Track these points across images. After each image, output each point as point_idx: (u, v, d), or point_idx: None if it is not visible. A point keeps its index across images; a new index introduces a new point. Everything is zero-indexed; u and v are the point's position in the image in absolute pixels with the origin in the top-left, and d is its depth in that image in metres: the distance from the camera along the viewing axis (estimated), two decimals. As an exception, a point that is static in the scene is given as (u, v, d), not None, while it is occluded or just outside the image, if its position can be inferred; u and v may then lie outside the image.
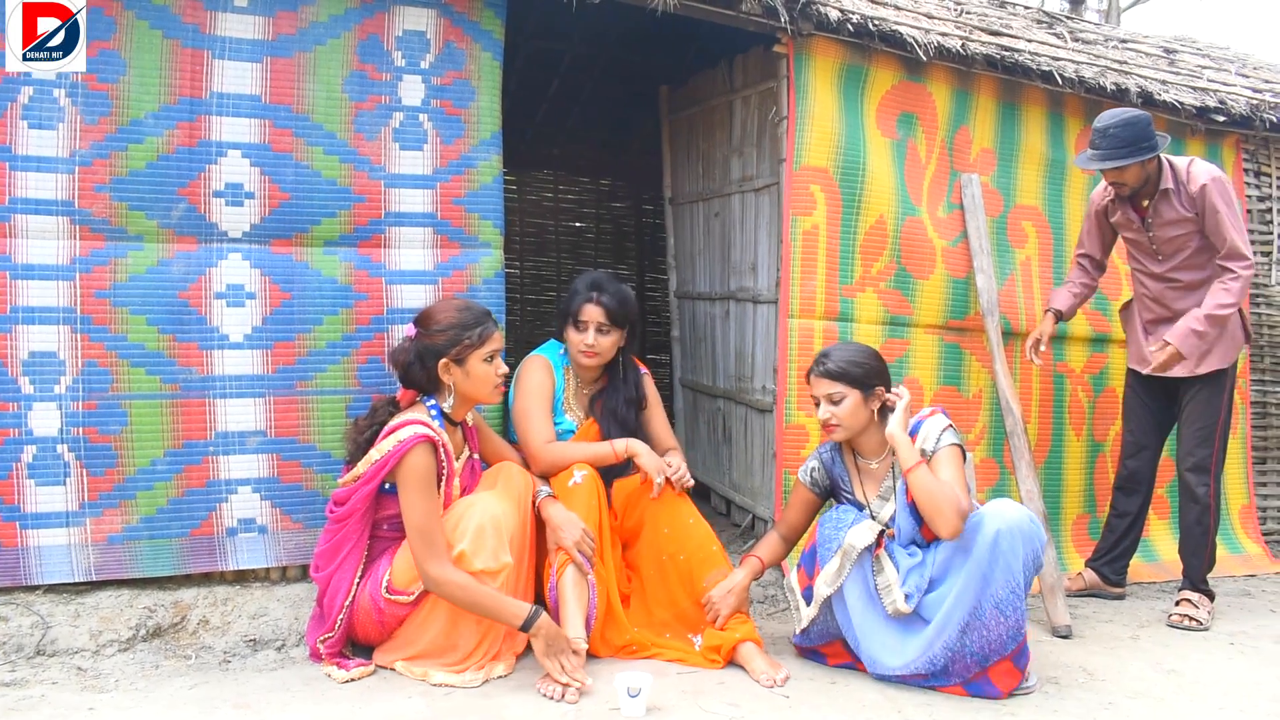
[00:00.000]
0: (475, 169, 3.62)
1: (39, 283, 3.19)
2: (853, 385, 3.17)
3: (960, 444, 3.19)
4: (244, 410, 3.38)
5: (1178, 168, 3.84)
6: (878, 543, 3.13)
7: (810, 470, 3.42)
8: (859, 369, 3.18)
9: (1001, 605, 2.96)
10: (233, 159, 3.34)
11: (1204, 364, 3.89)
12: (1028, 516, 3.03)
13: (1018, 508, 3.05)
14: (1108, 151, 3.74)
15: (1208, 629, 3.85)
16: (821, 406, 3.22)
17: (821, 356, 3.25)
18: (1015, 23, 4.99)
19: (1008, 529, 2.97)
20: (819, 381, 3.21)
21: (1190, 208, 3.80)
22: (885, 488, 3.24)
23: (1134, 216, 3.96)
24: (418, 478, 2.95)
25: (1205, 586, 3.99)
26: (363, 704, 2.82)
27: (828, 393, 3.19)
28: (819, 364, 3.23)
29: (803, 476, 3.44)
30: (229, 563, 3.38)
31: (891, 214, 4.13)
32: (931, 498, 3.02)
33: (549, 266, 7.51)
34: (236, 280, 3.37)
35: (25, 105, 3.16)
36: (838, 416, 3.19)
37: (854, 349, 3.27)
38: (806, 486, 3.42)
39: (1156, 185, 3.84)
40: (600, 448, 3.50)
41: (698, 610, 3.33)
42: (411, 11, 3.53)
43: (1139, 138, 3.71)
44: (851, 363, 3.19)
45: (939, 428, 3.18)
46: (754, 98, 4.46)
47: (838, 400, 3.18)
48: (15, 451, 3.18)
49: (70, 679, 2.92)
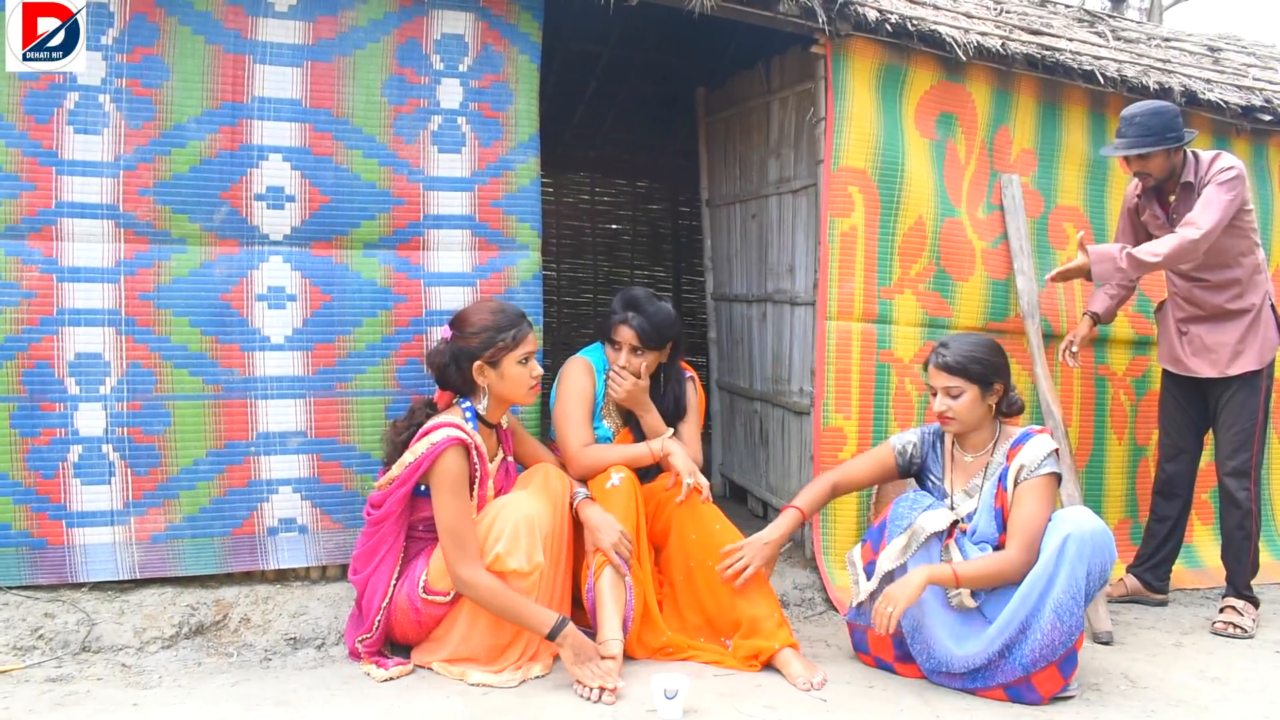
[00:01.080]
0: (513, 171, 3.63)
1: (85, 285, 3.24)
2: (972, 381, 3.14)
3: (1059, 472, 3.13)
4: (285, 411, 3.41)
5: (1201, 161, 3.80)
6: (949, 532, 3.10)
7: (907, 443, 3.37)
8: (979, 365, 3.14)
9: (1060, 610, 2.92)
10: (274, 162, 3.38)
11: (1236, 364, 3.85)
12: (1102, 528, 2.99)
13: (1093, 518, 3.02)
14: (1133, 139, 3.72)
15: (1253, 637, 3.78)
16: (938, 398, 3.18)
17: (940, 347, 3.21)
18: (1056, 22, 4.94)
19: (1078, 535, 2.94)
20: (937, 374, 3.18)
21: None
22: (973, 485, 3.22)
23: (1160, 213, 3.93)
24: (450, 480, 2.96)
25: (1250, 593, 3.93)
26: (401, 703, 2.84)
27: (945, 385, 3.15)
28: (939, 355, 3.19)
29: (895, 443, 3.38)
30: (270, 562, 3.41)
31: (930, 215, 4.10)
32: (994, 583, 3.04)
33: (586, 269, 7.53)
34: (277, 283, 3.40)
35: (71, 110, 3.21)
36: (954, 410, 3.15)
37: (975, 341, 3.21)
38: (894, 453, 3.37)
39: (1180, 179, 3.81)
40: (637, 449, 3.50)
41: (727, 617, 3.29)
42: (450, 15, 3.55)
43: (1165, 127, 3.69)
44: (972, 358, 3.15)
45: (1043, 452, 3.10)
46: (791, 99, 4.44)
47: (956, 394, 3.15)
48: (62, 451, 3.23)
49: (115, 675, 2.97)
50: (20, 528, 3.20)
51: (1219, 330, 3.88)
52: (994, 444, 3.24)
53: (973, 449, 3.26)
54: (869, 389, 4.02)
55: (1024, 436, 3.17)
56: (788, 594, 3.85)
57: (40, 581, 3.22)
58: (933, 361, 3.21)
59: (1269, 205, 4.81)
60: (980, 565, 3.04)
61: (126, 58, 3.24)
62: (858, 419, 4.00)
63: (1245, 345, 3.85)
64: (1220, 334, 3.88)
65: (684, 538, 3.39)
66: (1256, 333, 3.86)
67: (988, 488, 3.17)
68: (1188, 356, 3.96)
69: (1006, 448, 3.19)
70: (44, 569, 3.22)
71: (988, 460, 3.22)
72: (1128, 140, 3.73)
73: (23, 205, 3.17)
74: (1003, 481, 3.15)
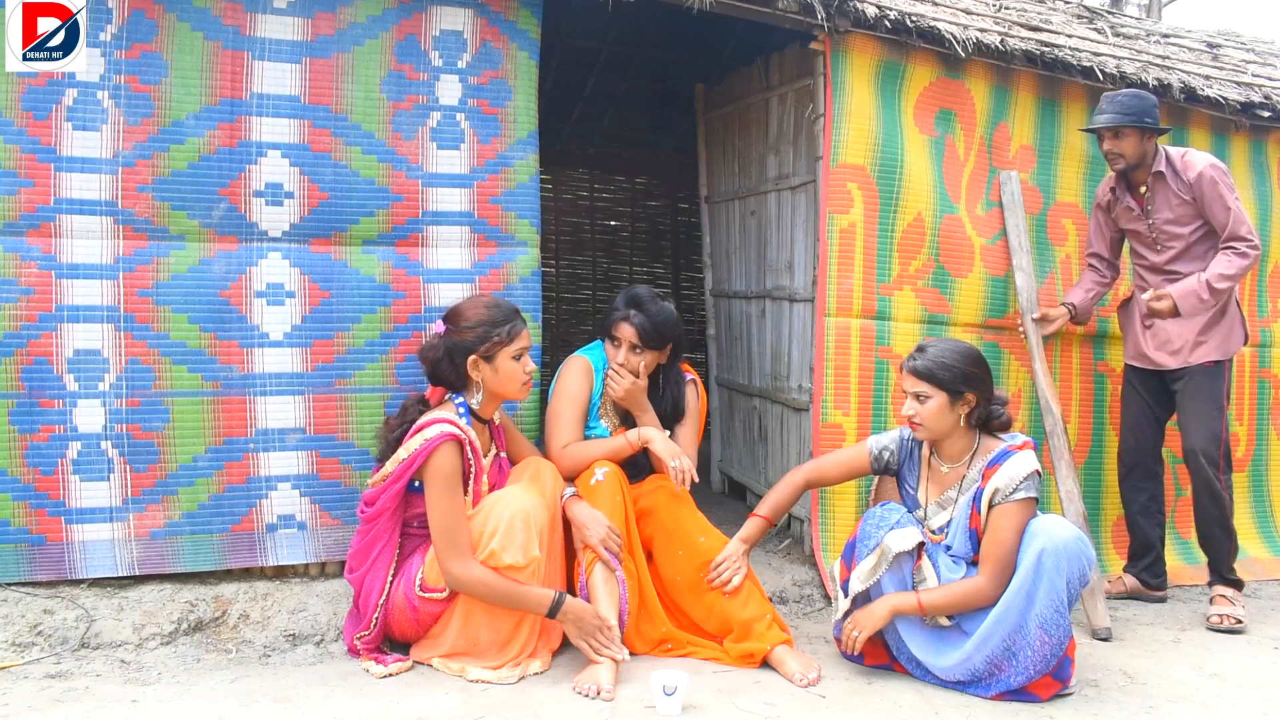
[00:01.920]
0: (512, 168, 3.63)
1: (83, 282, 3.23)
2: (939, 387, 3.08)
3: (1036, 496, 3.06)
4: (284, 407, 3.41)
5: (1172, 155, 3.93)
6: (918, 553, 3.10)
7: (884, 447, 3.33)
8: (947, 372, 3.08)
9: (1046, 624, 2.92)
10: (272, 159, 3.38)
11: (1196, 354, 3.90)
12: (1075, 536, 2.98)
13: (1066, 527, 3.01)
14: (1111, 115, 3.86)
15: (1246, 627, 3.81)
16: (907, 402, 3.14)
17: (917, 350, 3.17)
18: (1055, 18, 4.94)
19: (1053, 548, 2.93)
20: (906, 376, 3.15)
21: (1188, 193, 3.86)
22: (947, 496, 3.19)
23: (1133, 204, 4.00)
24: (443, 476, 2.97)
25: (1233, 576, 3.96)
26: (400, 699, 2.84)
27: (914, 390, 3.12)
28: (911, 358, 3.16)
29: (872, 445, 3.35)
30: (269, 558, 3.41)
31: (930, 212, 4.10)
32: (961, 610, 3.05)
33: (585, 265, 7.53)
34: (276, 279, 3.40)
35: (70, 107, 3.21)
36: (920, 415, 3.11)
37: (950, 348, 3.16)
38: (870, 455, 3.34)
39: (1151, 169, 3.91)
40: (616, 442, 3.46)
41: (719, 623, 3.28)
42: (449, 11, 3.55)
43: (1144, 111, 3.85)
44: (942, 365, 3.09)
45: (1021, 474, 3.02)
46: (790, 95, 4.44)
47: (923, 399, 3.11)
48: (61, 448, 3.23)
49: (114, 671, 2.97)
50: (19, 524, 3.20)
51: (1182, 322, 3.91)
52: (971, 456, 3.17)
53: (949, 459, 3.20)
54: (868, 385, 4.02)
55: (1002, 455, 3.09)
56: (787, 590, 3.85)
57: (39, 578, 3.22)
58: (905, 364, 3.18)
59: (1268, 201, 4.81)
60: (947, 594, 3.03)
61: (125, 54, 3.24)
62: (856, 415, 4.00)
63: (1207, 336, 3.91)
64: (1183, 325, 3.92)
65: (671, 552, 3.37)
66: (1219, 326, 3.92)
67: (962, 503, 3.13)
68: (1151, 350, 4.02)
69: (983, 465, 3.12)
70: (43, 565, 3.22)
71: (964, 473, 3.16)
72: (1108, 116, 3.87)
73: (21, 202, 3.17)
74: (976, 503, 3.09)
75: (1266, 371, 4.86)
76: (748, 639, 3.21)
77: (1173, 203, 3.90)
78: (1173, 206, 3.90)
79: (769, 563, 4.05)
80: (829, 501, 3.96)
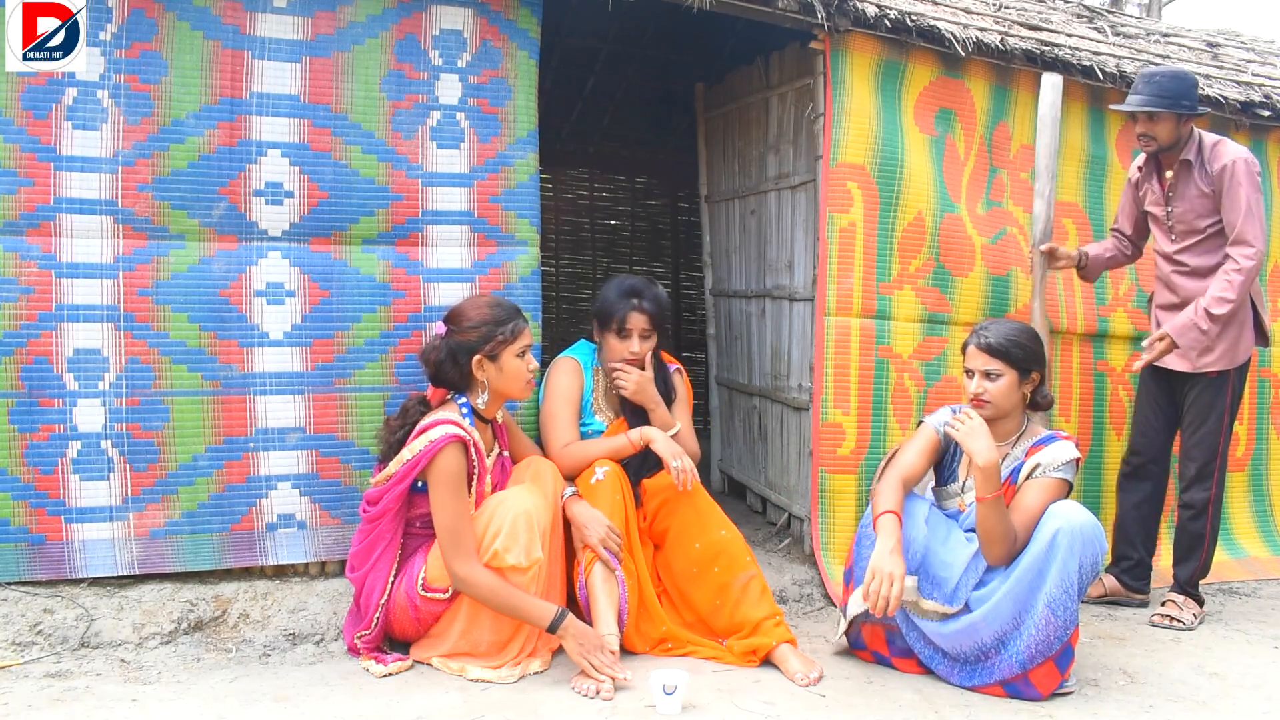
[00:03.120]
0: (512, 167, 3.63)
1: (84, 281, 3.24)
2: (1011, 365, 3.11)
3: (1071, 481, 3.11)
4: (284, 407, 3.41)
5: (1205, 143, 3.79)
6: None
7: (941, 423, 3.27)
8: (1020, 350, 3.11)
9: (1054, 604, 2.93)
10: (272, 158, 3.38)
11: (1203, 360, 3.78)
12: (1092, 521, 2.99)
13: (1083, 511, 3.01)
14: (1147, 98, 3.70)
15: (1193, 630, 3.78)
16: (975, 380, 3.14)
17: (981, 329, 3.18)
18: (1055, 17, 4.94)
19: (1069, 529, 2.94)
20: (977, 354, 3.14)
21: (1209, 185, 3.75)
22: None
23: (1157, 189, 3.92)
24: (448, 477, 2.97)
25: (1195, 591, 3.91)
26: (400, 698, 2.84)
27: (985, 368, 3.12)
28: (980, 336, 3.15)
29: (935, 424, 3.28)
30: (269, 558, 3.41)
31: (930, 211, 4.10)
32: (990, 533, 3.00)
33: (584, 264, 7.52)
34: (276, 278, 3.40)
35: (70, 106, 3.21)
36: (990, 394, 3.13)
37: (1017, 327, 3.17)
38: (939, 434, 3.26)
39: (1181, 155, 3.79)
40: (616, 440, 3.46)
41: (729, 621, 3.28)
42: (448, 11, 3.55)
43: (1182, 94, 3.69)
44: (1015, 342, 3.11)
45: (1064, 457, 3.10)
46: (790, 95, 4.44)
47: (994, 377, 3.12)
48: (60, 447, 3.23)
49: (114, 671, 2.97)
50: (19, 523, 3.20)
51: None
52: (1018, 437, 3.22)
53: (998, 438, 3.20)
54: (868, 385, 4.02)
55: (1049, 438, 3.16)
56: (786, 590, 3.85)
57: (39, 577, 3.22)
58: (973, 342, 3.18)
59: (1268, 201, 4.80)
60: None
61: (125, 53, 3.24)
62: (856, 414, 4.00)
63: (1216, 342, 3.76)
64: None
65: (687, 544, 3.37)
66: (1229, 331, 3.78)
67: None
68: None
69: (1029, 444, 3.18)
70: (43, 564, 3.22)
71: (1007, 452, 3.20)
72: (1141, 98, 3.71)
73: (21, 201, 3.17)
74: (1014, 477, 3.14)
75: (1266, 371, 4.86)
76: (755, 635, 3.22)
77: (1193, 195, 3.79)
78: (1192, 199, 3.79)
79: (769, 562, 4.05)
80: (829, 501, 3.96)
